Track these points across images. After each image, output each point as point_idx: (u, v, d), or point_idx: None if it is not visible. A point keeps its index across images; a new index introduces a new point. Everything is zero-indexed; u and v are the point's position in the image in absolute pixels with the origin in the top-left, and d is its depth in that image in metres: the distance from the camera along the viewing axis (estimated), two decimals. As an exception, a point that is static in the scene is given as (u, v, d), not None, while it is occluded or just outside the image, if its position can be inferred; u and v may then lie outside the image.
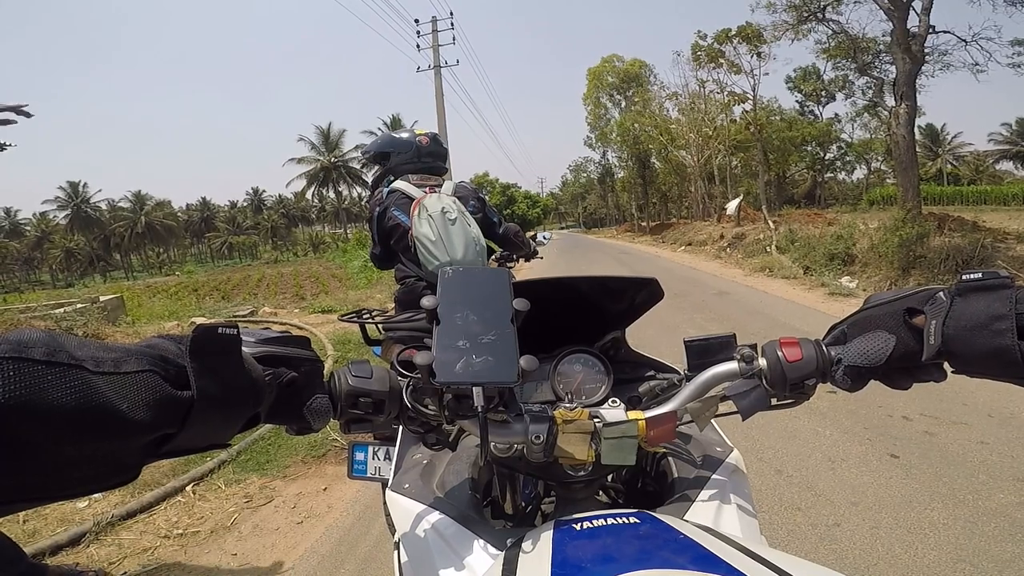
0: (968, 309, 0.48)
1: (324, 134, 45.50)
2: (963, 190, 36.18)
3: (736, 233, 15.66)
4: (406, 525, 0.69)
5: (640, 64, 32.09)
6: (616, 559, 0.45)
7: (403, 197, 2.02)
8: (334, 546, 2.22)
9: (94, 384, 0.33)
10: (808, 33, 12.09)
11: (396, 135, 2.22)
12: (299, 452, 3.05)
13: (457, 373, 0.52)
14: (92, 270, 52.01)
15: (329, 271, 18.83)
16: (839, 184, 45.13)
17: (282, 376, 0.49)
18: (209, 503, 2.60)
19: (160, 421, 0.37)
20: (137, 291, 15.11)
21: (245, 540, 2.31)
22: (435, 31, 18.29)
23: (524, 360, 0.54)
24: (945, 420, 2.99)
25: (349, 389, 0.55)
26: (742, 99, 19.93)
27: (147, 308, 10.75)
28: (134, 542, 2.27)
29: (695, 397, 0.64)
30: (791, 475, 2.53)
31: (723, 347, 0.69)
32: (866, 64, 11.86)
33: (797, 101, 35.01)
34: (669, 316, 6.14)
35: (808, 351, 0.58)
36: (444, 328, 0.55)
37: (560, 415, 0.60)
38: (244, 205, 68.32)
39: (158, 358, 0.39)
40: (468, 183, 2.25)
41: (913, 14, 9.34)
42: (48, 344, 0.33)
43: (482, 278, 0.60)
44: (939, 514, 2.12)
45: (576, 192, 69.69)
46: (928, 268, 7.63)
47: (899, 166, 10.07)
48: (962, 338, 0.48)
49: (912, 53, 9.26)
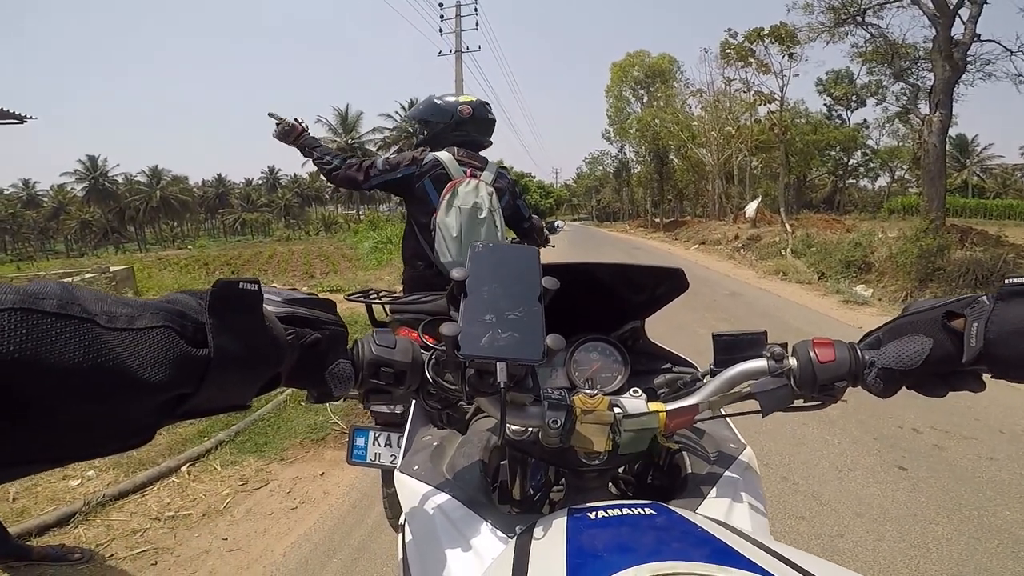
0: (1012, 313, 0.47)
1: (342, 116, 45.40)
2: (987, 203, 35.36)
3: (751, 234, 15.44)
4: (413, 506, 0.68)
5: (669, 59, 31.53)
6: (632, 549, 0.44)
7: (441, 171, 1.91)
8: (328, 534, 2.20)
9: (105, 340, 0.31)
10: (844, 36, 11.76)
11: (439, 101, 2.06)
12: (298, 435, 3.03)
13: (482, 347, 0.51)
14: (106, 242, 52.66)
15: (340, 251, 18.92)
16: (860, 191, 44.39)
17: (305, 336, 0.48)
18: (203, 485, 2.58)
19: (175, 380, 0.35)
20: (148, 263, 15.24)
21: (237, 524, 2.28)
22: (459, 16, 18.15)
23: (551, 338, 0.52)
24: (955, 434, 2.94)
25: (372, 358, 0.54)
26: (769, 99, 19.50)
27: (157, 280, 10.85)
28: (124, 524, 2.25)
29: (720, 392, 0.63)
30: (797, 483, 2.48)
31: (752, 344, 0.67)
32: (903, 70, 11.53)
33: (825, 105, 34.42)
34: (680, 314, 6.05)
35: (842, 353, 0.57)
36: (471, 301, 0.54)
37: (580, 402, 0.59)
38: (259, 183, 68.50)
39: (176, 314, 0.37)
40: (507, 174, 2.13)
41: (958, 21, 9.08)
42: (61, 296, 0.31)
43: (512, 254, 0.60)
44: (944, 529, 2.10)
45: (591, 185, 69.05)
46: (946, 281, 7.45)
47: (926, 175, 9.82)
48: (1005, 342, 0.47)
49: (953, 61, 9.00)
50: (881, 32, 11.21)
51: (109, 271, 8.17)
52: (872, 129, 34.64)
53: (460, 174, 1.91)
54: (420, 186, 1.90)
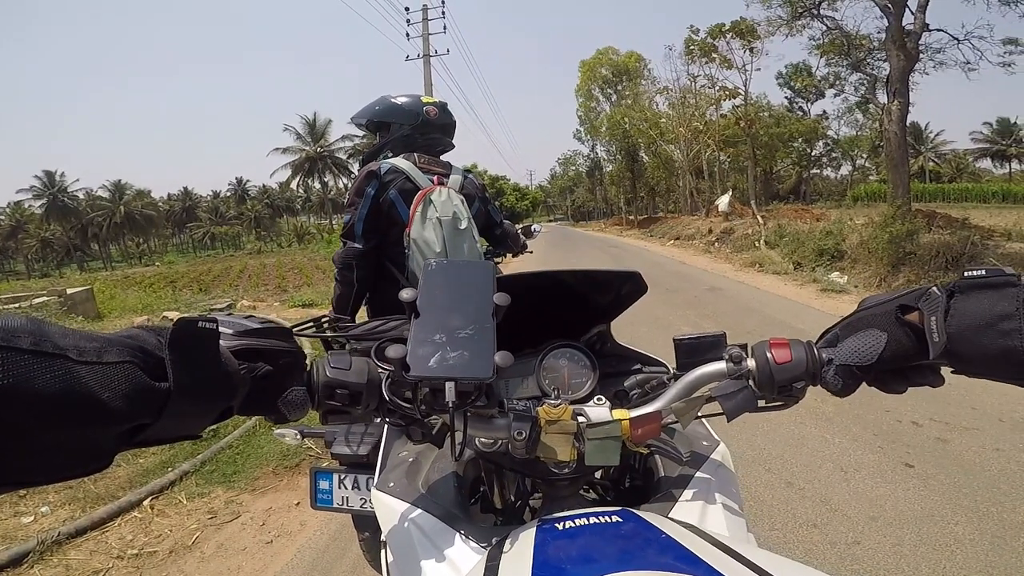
0: (971, 307, 0.46)
1: (310, 124, 44.76)
2: (945, 187, 36.70)
3: (725, 228, 15.60)
4: (391, 524, 0.68)
5: (637, 57, 31.90)
6: (596, 560, 0.45)
7: (406, 182, 1.68)
8: (307, 570, 2.01)
9: (76, 373, 0.33)
10: (803, 29, 12.08)
11: (398, 101, 1.83)
12: (270, 462, 2.81)
13: (431, 367, 0.51)
14: (69, 260, 50.77)
15: (313, 262, 18.53)
16: (824, 180, 45.61)
17: (257, 370, 0.49)
18: (168, 519, 2.36)
19: (137, 411, 0.37)
20: (112, 282, 14.57)
21: (208, 562, 2.08)
22: (425, 19, 17.92)
23: (499, 356, 0.52)
24: (956, 426, 2.88)
25: (326, 380, 0.54)
26: (733, 94, 19.84)
27: (120, 300, 10.34)
28: (83, 563, 2.04)
29: (681, 397, 0.63)
30: (803, 488, 2.37)
31: (712, 346, 0.69)
32: (859, 61, 11.83)
33: (786, 98, 35.30)
34: (663, 313, 5.98)
35: (798, 353, 0.57)
36: (422, 321, 0.55)
37: (544, 413, 0.59)
38: (228, 195, 66.87)
39: (138, 349, 0.39)
40: (475, 178, 1.92)
41: (908, 12, 9.36)
42: (34, 333, 0.33)
43: (466, 271, 0.60)
44: (964, 528, 2.00)
45: (565, 185, 69.41)
46: (918, 265, 7.59)
47: (890, 162, 10.04)
48: (966, 337, 0.46)
49: (907, 50, 9.25)
50: (837, 24, 11.50)
51: (65, 293, 7.73)
52: (832, 120, 35.67)
53: (427, 182, 1.70)
54: (388, 199, 1.67)
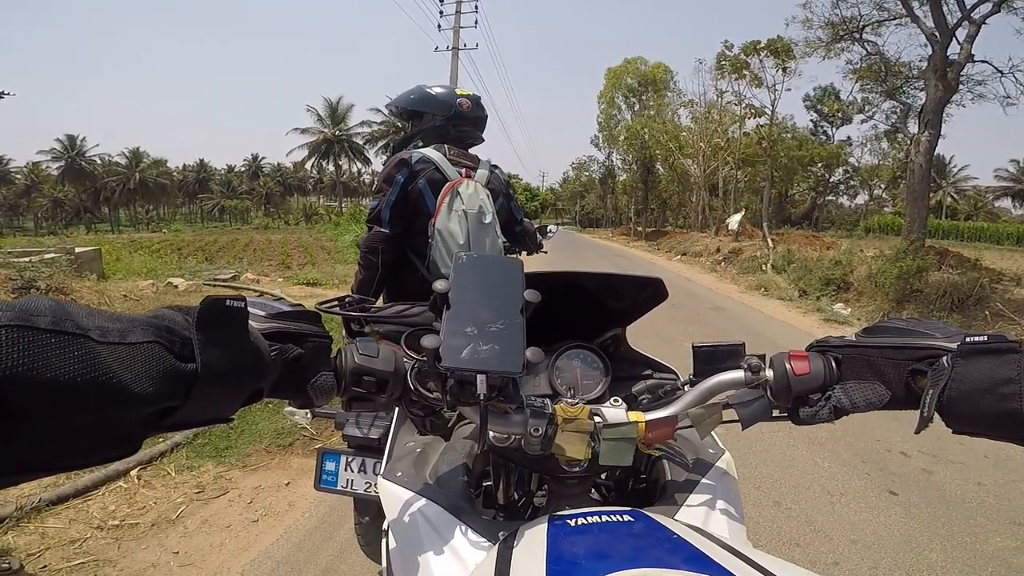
0: (972, 373, 0.47)
1: (332, 107, 44.72)
2: (960, 225, 36.29)
3: (732, 248, 15.55)
4: (396, 512, 0.68)
5: (664, 69, 31.69)
6: (610, 556, 0.45)
7: (435, 173, 1.70)
8: (291, 551, 2.02)
9: (98, 354, 0.32)
10: (840, 52, 11.75)
11: (433, 91, 1.84)
12: (263, 439, 2.84)
13: (463, 359, 0.52)
14: (78, 221, 50.97)
15: (319, 242, 18.55)
16: (837, 208, 45.37)
17: (288, 352, 0.49)
18: (155, 491, 2.37)
19: (163, 393, 0.36)
20: (119, 245, 14.64)
21: (190, 537, 2.09)
22: (459, 12, 17.91)
23: (530, 352, 0.53)
24: (942, 458, 2.93)
25: (354, 367, 0.55)
26: (759, 113, 19.66)
27: (125, 263, 10.39)
28: (61, 531, 2.04)
29: (698, 403, 0.64)
30: (789, 507, 2.41)
31: (731, 355, 0.69)
32: (895, 88, 11.55)
33: (812, 120, 34.90)
34: (665, 327, 6.00)
35: (816, 366, 0.58)
36: (453, 313, 0.55)
37: (561, 411, 0.60)
38: (241, 170, 66.93)
39: (164, 329, 0.38)
40: (501, 173, 1.94)
41: (954, 42, 9.12)
42: (55, 313, 0.32)
43: (496, 266, 0.60)
44: (937, 556, 2.06)
45: (576, 190, 69.18)
46: (923, 303, 7.55)
47: (910, 195, 9.85)
48: (964, 400, 0.47)
49: (947, 80, 9.00)
50: (878, 49, 11.23)
51: (74, 252, 7.77)
52: (856, 147, 35.20)
53: (456, 174, 1.72)
54: (416, 188, 1.70)
